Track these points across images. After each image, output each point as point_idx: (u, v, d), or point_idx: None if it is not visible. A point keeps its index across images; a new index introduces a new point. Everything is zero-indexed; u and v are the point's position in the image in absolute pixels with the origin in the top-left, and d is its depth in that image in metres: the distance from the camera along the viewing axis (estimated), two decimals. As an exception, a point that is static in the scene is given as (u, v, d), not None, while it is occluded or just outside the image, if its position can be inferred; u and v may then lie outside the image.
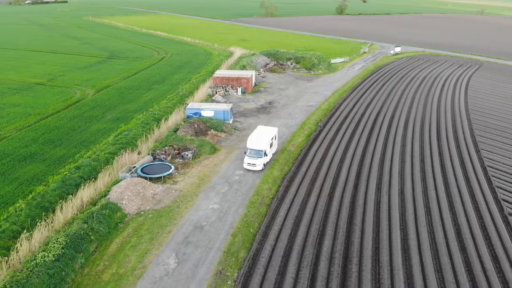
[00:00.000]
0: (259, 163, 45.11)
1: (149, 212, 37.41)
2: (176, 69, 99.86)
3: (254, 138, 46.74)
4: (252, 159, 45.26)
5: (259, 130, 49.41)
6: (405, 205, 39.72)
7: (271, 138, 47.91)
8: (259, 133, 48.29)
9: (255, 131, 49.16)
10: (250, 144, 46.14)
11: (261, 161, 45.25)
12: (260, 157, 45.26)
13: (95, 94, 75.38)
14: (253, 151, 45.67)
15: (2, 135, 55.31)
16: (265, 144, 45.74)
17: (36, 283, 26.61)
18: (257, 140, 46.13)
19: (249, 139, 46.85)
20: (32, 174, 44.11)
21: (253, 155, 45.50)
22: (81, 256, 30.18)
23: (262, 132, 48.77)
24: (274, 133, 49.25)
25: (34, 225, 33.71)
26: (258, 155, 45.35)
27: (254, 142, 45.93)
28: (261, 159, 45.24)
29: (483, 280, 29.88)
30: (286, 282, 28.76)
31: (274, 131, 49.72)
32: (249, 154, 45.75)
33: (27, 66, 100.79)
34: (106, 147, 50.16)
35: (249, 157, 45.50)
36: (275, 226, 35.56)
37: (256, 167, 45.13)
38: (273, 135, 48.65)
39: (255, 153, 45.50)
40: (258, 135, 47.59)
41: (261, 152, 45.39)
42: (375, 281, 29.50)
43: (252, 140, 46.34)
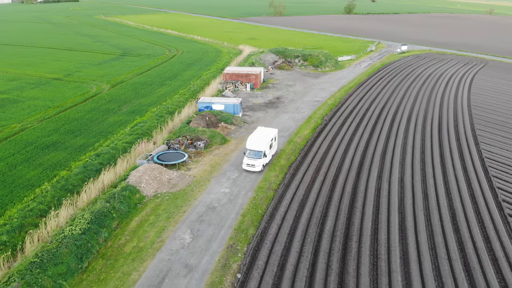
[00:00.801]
0: (258, 164, 44.54)
1: (165, 195, 40.38)
2: (187, 66, 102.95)
3: (253, 139, 46.04)
4: (251, 159, 44.64)
5: (259, 131, 48.78)
6: (404, 192, 42.26)
7: (271, 139, 47.27)
8: (259, 134, 47.64)
9: (255, 132, 48.49)
10: (249, 144, 45.45)
11: (260, 162, 44.68)
12: (259, 158, 44.64)
13: (110, 89, 78.70)
14: (252, 152, 45.05)
15: (25, 125, 58.69)
16: (264, 145, 45.11)
17: (65, 252, 29.65)
18: (257, 141, 45.50)
19: (248, 140, 46.19)
20: (55, 161, 47.34)
21: (252, 156, 44.89)
22: (104, 231, 33.21)
23: (262, 133, 48.12)
24: (274, 134, 48.55)
25: (60, 205, 36.78)
26: (257, 156, 44.73)
27: (254, 143, 45.30)
28: (260, 160, 44.65)
29: (474, 257, 32.37)
30: (291, 256, 31.51)
31: (274, 132, 49.11)
32: (248, 155, 45.10)
33: (43, 62, 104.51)
34: (123, 137, 53.27)
35: (248, 158, 44.86)
36: (282, 208, 38.31)
37: (255, 168, 44.58)
38: (272, 136, 47.98)
39: (255, 154, 44.89)
40: (258, 136, 46.95)
41: (260, 153, 44.76)
42: (373, 256, 32.14)
43: (252, 141, 45.70)
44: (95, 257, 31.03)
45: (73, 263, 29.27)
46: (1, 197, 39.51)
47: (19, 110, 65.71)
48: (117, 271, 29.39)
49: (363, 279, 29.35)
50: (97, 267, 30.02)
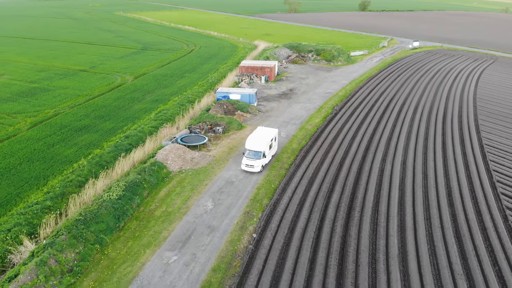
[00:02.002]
0: (257, 165, 43.78)
1: (189, 171, 45.00)
2: (205, 60, 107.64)
3: (253, 139, 45.19)
4: (250, 160, 43.88)
5: (259, 131, 47.74)
6: (405, 172, 46.15)
7: (271, 140, 46.36)
8: (259, 134, 46.65)
9: (255, 132, 47.62)
10: (248, 145, 44.67)
11: (259, 162, 43.87)
12: (258, 159, 43.89)
13: (134, 80, 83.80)
14: (251, 152, 44.27)
15: (58, 111, 64.00)
16: (264, 145, 44.35)
17: (105, 213, 34.44)
18: (256, 141, 44.71)
19: (247, 140, 45.38)
20: (89, 141, 52.41)
21: (251, 156, 44.11)
22: (137, 198, 37.96)
23: (262, 133, 47.13)
24: (274, 134, 47.57)
25: (97, 177, 41.68)
26: (256, 156, 43.98)
27: (253, 143, 44.52)
28: (259, 161, 43.88)
29: (465, 226, 36.23)
30: (300, 221, 35.82)
31: (274, 132, 48.03)
32: (247, 155, 44.36)
33: (69, 55, 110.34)
34: (149, 122, 58.11)
35: (247, 158, 44.10)
36: (292, 184, 42.59)
37: (254, 168, 43.78)
38: (272, 136, 47.00)
39: (254, 154, 44.12)
40: (257, 136, 45.95)
41: (259, 153, 43.98)
42: (373, 224, 36.24)
43: (251, 141, 44.87)
44: (130, 219, 35.80)
45: (112, 222, 34.05)
46: (43, 170, 44.63)
47: (50, 97, 71.15)
48: (149, 230, 34.08)
49: (363, 241, 33.51)
50: (132, 226, 34.77)
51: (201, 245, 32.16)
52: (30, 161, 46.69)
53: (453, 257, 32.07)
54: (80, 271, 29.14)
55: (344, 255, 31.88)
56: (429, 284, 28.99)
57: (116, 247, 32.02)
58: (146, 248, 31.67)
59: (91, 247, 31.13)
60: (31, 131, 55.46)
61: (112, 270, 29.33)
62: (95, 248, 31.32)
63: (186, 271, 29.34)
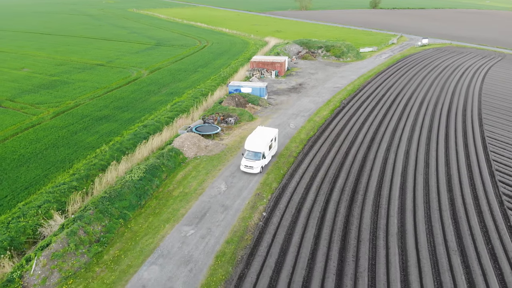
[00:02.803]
0: (256, 166, 42.99)
1: (204, 157, 47.96)
2: (217, 56, 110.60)
3: (252, 139, 44.29)
4: (250, 161, 43.06)
5: (259, 131, 46.79)
6: (408, 161, 48.58)
7: (271, 140, 45.60)
8: (258, 134, 45.71)
9: (254, 132, 46.52)
10: (248, 145, 43.87)
11: (258, 163, 43.06)
12: (258, 160, 43.07)
13: (149, 74, 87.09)
14: (250, 153, 43.44)
15: (78, 102, 67.44)
16: (264, 146, 43.53)
17: (127, 192, 37.54)
18: (256, 142, 43.90)
19: (247, 140, 44.47)
20: (109, 130, 55.66)
21: (250, 157, 43.28)
22: (156, 180, 41.02)
23: (261, 133, 46.13)
24: (273, 134, 46.72)
25: (119, 161, 44.82)
26: (256, 157, 43.17)
27: (252, 144, 43.72)
28: (258, 162, 43.06)
29: (462, 210, 38.63)
30: (307, 203, 38.54)
31: (274, 132, 47.21)
32: (246, 156, 43.50)
33: (85, 50, 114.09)
34: (165, 113, 61.21)
35: (246, 159, 43.26)
36: (300, 170, 45.30)
37: (253, 169, 43.00)
38: (272, 136, 46.19)
39: (253, 155, 43.29)
40: (257, 137, 45.00)
41: (259, 154, 43.17)
42: (375, 206, 38.81)
43: (250, 142, 44.04)
44: (150, 198, 38.87)
45: (134, 200, 37.14)
46: (68, 155, 47.97)
47: (70, 89, 74.67)
48: (168, 208, 37.10)
49: (365, 220, 36.15)
50: (152, 205, 37.83)
51: (215, 221, 35.08)
52: (55, 146, 50.08)
53: (449, 235, 34.56)
54: (106, 242, 32.25)
55: (347, 232, 34.56)
56: (425, 258, 31.54)
57: (138, 222, 35.10)
58: (166, 223, 34.69)
59: (115, 221, 34.24)
60: (54, 120, 58.93)
61: (135, 241, 32.40)
62: (119, 222, 34.42)
63: (202, 243, 32.29)
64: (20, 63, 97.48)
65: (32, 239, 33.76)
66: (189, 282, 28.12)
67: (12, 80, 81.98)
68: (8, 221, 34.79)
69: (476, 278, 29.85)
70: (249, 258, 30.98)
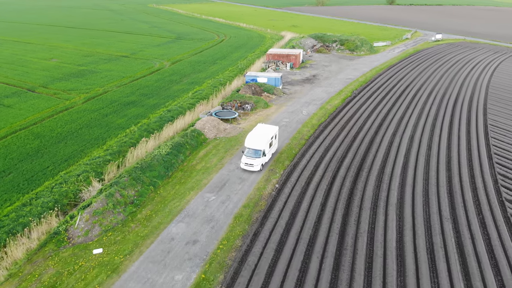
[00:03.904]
0: (256, 164, 42.74)
1: (222, 138, 52.51)
2: (235, 49, 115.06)
3: (252, 137, 44.00)
4: (250, 159, 42.76)
5: (259, 129, 46.52)
6: (412, 144, 52.30)
7: (271, 137, 45.28)
8: (259, 132, 45.48)
9: (255, 130, 46.36)
10: (248, 143, 43.56)
11: (259, 161, 42.80)
12: (258, 157, 42.81)
13: (171, 65, 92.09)
14: (251, 151, 43.17)
15: (106, 89, 72.72)
16: (264, 143, 43.29)
17: (156, 164, 42.32)
18: (256, 139, 43.59)
19: (247, 138, 44.17)
20: (136, 113, 60.66)
21: (251, 154, 43.02)
22: (181, 155, 45.73)
23: (262, 130, 45.90)
24: (274, 132, 46.39)
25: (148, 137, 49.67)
26: (256, 155, 42.92)
27: (253, 141, 43.39)
28: (259, 159, 42.80)
29: (458, 186, 42.31)
30: (315, 178, 42.74)
31: (275, 130, 46.89)
32: (246, 154, 43.22)
33: (110, 43, 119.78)
34: (187, 100, 65.98)
35: (247, 157, 42.96)
36: (311, 150, 49.48)
37: (254, 167, 42.78)
38: (273, 134, 45.83)
39: (253, 152, 43.04)
40: (257, 134, 44.77)
41: (259, 152, 42.95)
42: (378, 181, 42.76)
43: (251, 139, 43.71)
44: (176, 170, 43.60)
45: (162, 171, 41.91)
46: (101, 134, 53.10)
47: (98, 78, 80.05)
48: (192, 179, 41.76)
49: (367, 192, 40.19)
50: (178, 176, 42.55)
51: (233, 190, 39.60)
52: (88, 126, 55.28)
53: (443, 206, 38.40)
54: (139, 204, 37.07)
55: (350, 202, 38.71)
56: (419, 223, 35.50)
57: (166, 189, 39.86)
58: (190, 191, 39.34)
59: (146, 188, 39.04)
60: (85, 104, 64.23)
61: (164, 204, 37.14)
62: (149, 189, 39.22)
63: (222, 206, 36.85)
64: (48, 54, 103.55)
65: (73, 202, 38.75)
66: (211, 236, 32.70)
67: (43, 69, 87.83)
68: (52, 187, 39.92)
69: (465, 241, 33.66)
70: (263, 219, 35.42)
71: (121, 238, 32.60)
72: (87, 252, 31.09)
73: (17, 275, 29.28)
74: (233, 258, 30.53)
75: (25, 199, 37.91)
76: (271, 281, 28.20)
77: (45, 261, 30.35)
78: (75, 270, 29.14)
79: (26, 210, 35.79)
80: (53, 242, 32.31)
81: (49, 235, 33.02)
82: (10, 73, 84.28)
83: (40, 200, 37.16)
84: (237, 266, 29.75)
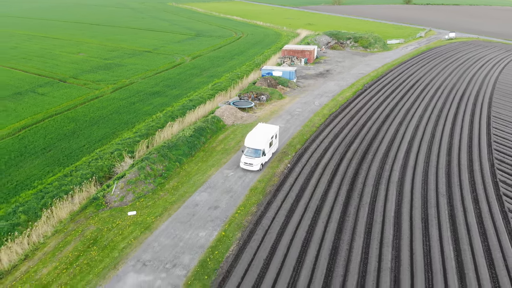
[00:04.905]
0: (256, 163, 42.47)
1: (239, 125, 57.06)
2: (251, 45, 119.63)
3: (252, 136, 43.81)
4: (249, 158, 42.52)
5: (259, 128, 46.34)
6: (416, 132, 56.00)
7: (271, 137, 45.05)
8: (259, 131, 45.29)
9: (255, 129, 46.09)
10: (248, 142, 43.32)
11: (258, 161, 42.52)
12: (257, 157, 42.54)
13: (192, 60, 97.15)
14: (250, 150, 42.95)
15: (132, 80, 78.06)
16: (264, 143, 43.01)
17: (181, 144, 47.08)
18: (256, 139, 43.38)
19: (247, 137, 43.94)
20: (161, 102, 65.68)
21: (250, 154, 42.77)
22: (203, 138, 50.45)
23: (262, 130, 45.72)
24: (274, 131, 46.12)
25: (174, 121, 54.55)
26: (256, 154, 42.67)
27: (252, 141, 43.14)
28: (258, 159, 42.51)
29: (456, 168, 45.97)
30: (324, 159, 46.91)
31: (275, 129, 46.62)
32: (246, 153, 43.02)
33: (133, 39, 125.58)
34: (207, 91, 70.77)
35: (246, 156, 42.76)
36: (321, 136, 53.66)
37: (253, 167, 42.53)
38: (273, 133, 45.57)
39: (253, 152, 42.79)
40: (257, 133, 44.61)
41: (259, 151, 42.68)
42: (382, 163, 46.69)
43: (250, 138, 43.50)
44: (198, 150, 48.32)
45: (186, 150, 46.67)
46: (130, 119, 58.23)
47: (124, 71, 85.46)
48: (213, 158, 46.41)
49: (371, 172, 44.21)
50: (200, 155, 47.26)
51: (250, 167, 44.14)
52: (118, 113, 60.48)
53: (440, 184, 42.20)
54: (167, 176, 41.86)
55: (355, 179, 42.82)
56: (417, 198, 39.42)
57: (190, 165, 44.59)
58: (211, 167, 43.98)
59: (173, 164, 43.83)
60: (114, 94, 69.57)
61: (189, 177, 41.86)
62: (175, 165, 43.99)
63: (239, 180, 41.37)
64: (76, 49, 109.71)
65: (108, 175, 43.75)
66: (230, 203, 37.26)
67: (72, 62, 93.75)
68: (89, 161, 45.06)
69: (457, 213, 37.49)
70: (276, 192, 39.83)
71: (152, 203, 37.40)
72: (122, 214, 35.97)
73: (62, 231, 34.27)
74: (249, 221, 35.04)
75: (66, 171, 43.10)
76: (281, 239, 32.61)
77: (86, 220, 35.31)
78: (113, 227, 34.01)
79: (67, 180, 40.91)
80: (93, 205, 37.27)
81: (89, 200, 37.99)
82: (41, 65, 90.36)
83: (79, 172, 42.26)
84: (252, 227, 34.26)
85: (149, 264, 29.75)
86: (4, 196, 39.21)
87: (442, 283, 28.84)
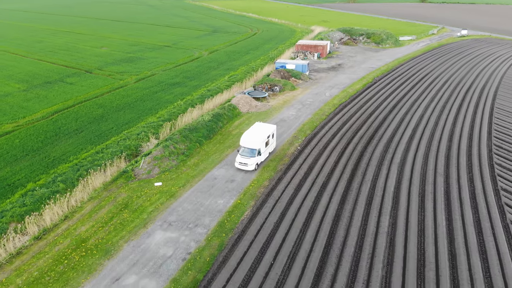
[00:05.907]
0: (251, 163, 41.79)
1: (254, 113, 61.22)
2: (266, 41, 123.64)
3: (248, 136, 43.30)
4: (244, 158, 41.87)
5: (256, 127, 45.81)
6: (421, 121, 59.38)
7: (267, 136, 44.20)
8: (255, 130, 44.71)
9: (251, 128, 45.63)
10: (243, 141, 42.76)
11: (253, 160, 41.86)
12: (252, 157, 41.89)
13: (209, 54, 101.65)
14: (246, 149, 42.29)
15: (153, 72, 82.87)
16: (259, 142, 42.41)
17: (200, 127, 51.46)
18: (251, 138, 42.84)
19: (242, 137, 43.56)
20: (181, 92, 70.23)
21: (245, 153, 42.15)
22: (220, 122, 54.78)
23: (258, 129, 45.16)
24: (271, 131, 45.34)
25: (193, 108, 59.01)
26: (251, 154, 42.02)
27: (248, 140, 42.58)
28: (253, 159, 41.87)
29: (455, 152, 49.39)
30: (332, 143, 50.78)
31: (272, 128, 45.84)
32: (241, 153, 42.40)
33: (152, 35, 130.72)
34: (224, 82, 75.11)
35: (241, 156, 42.13)
36: (330, 123, 57.48)
37: (248, 167, 41.85)
38: (269, 133, 44.82)
39: (248, 151, 42.15)
40: (253, 133, 44.09)
41: (254, 151, 42.03)
42: (386, 147, 50.36)
43: (246, 138, 42.98)
44: (216, 134, 52.66)
45: (205, 133, 51.05)
46: (153, 106, 62.92)
47: (145, 64, 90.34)
48: (229, 140, 50.70)
49: (375, 154, 47.94)
50: (217, 138, 51.60)
51: (263, 148, 48.26)
52: (141, 100, 65.20)
53: (439, 165, 45.74)
54: (188, 155, 46.27)
55: (360, 160, 46.62)
56: (416, 176, 43.04)
57: (209, 146, 48.98)
58: (228, 148, 48.27)
59: (194, 144, 48.23)
60: (137, 84, 74.37)
61: (208, 156, 46.22)
62: (196, 145, 48.38)
63: (253, 159, 45.57)
64: (99, 43, 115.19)
65: (135, 153, 48.33)
66: (244, 178, 41.48)
67: (96, 55, 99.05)
68: (117, 141, 49.73)
69: (452, 190, 41.04)
70: (286, 170, 43.88)
71: (176, 176, 41.84)
72: (150, 184, 40.48)
73: (97, 198, 38.89)
74: (261, 192, 39.22)
75: (98, 149, 47.84)
76: (290, 208, 36.71)
77: (118, 189, 39.91)
78: (142, 195, 38.53)
79: (99, 156, 45.62)
80: (123, 177, 41.87)
81: (119, 172, 42.58)
82: (67, 58, 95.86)
83: (110, 150, 46.96)
84: (264, 197, 38.44)
85: (174, 224, 34.17)
86: (43, 168, 44.06)
87: (433, 245, 32.59)
